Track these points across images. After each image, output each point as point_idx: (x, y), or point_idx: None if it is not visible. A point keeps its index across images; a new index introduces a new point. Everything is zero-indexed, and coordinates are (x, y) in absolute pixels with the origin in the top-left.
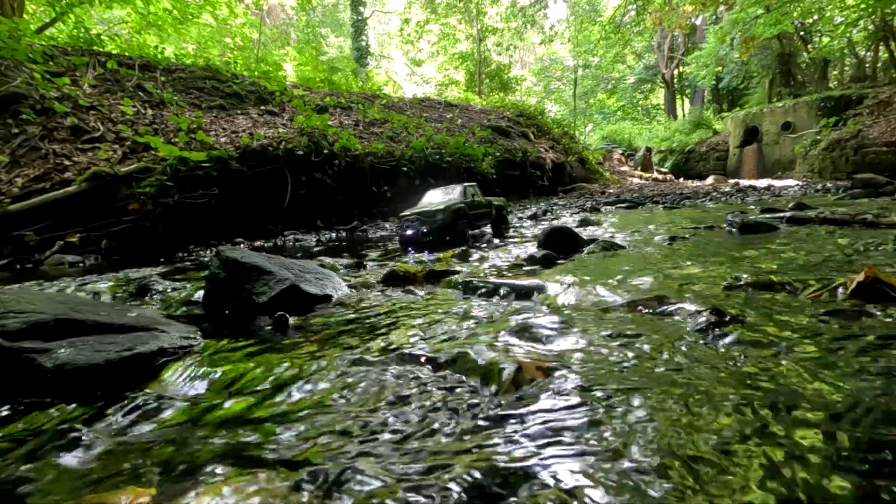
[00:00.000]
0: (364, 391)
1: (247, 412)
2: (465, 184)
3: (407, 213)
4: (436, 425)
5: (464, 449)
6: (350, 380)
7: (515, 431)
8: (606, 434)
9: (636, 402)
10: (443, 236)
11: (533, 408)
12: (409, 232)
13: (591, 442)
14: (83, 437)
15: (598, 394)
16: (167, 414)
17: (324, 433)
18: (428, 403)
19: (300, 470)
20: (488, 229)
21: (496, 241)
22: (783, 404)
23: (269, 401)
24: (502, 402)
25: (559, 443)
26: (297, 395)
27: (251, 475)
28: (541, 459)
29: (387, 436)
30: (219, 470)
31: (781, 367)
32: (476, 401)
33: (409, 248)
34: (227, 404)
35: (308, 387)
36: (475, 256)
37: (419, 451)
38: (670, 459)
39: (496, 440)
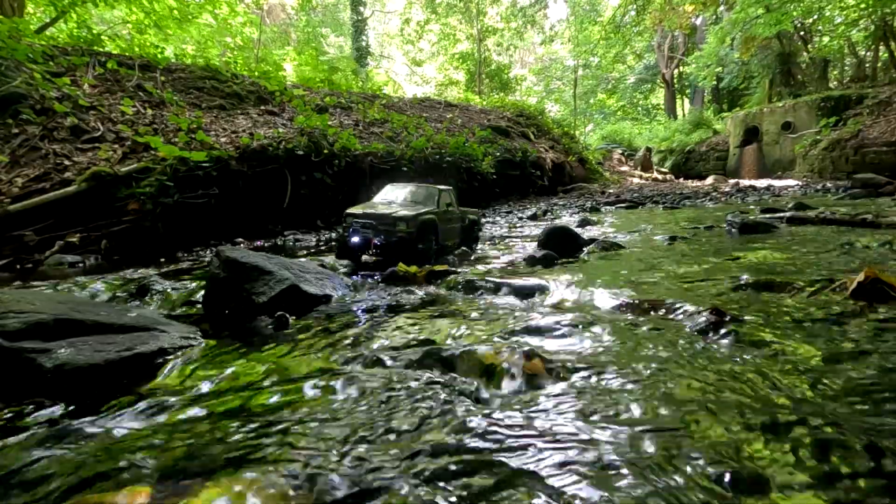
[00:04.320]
0: (364, 391)
1: (246, 412)
2: (441, 187)
3: (356, 210)
4: (438, 425)
5: (465, 449)
6: (350, 380)
7: (517, 429)
8: (606, 433)
9: (636, 402)
10: (399, 254)
11: (535, 407)
12: (356, 239)
13: (591, 442)
14: (82, 437)
15: (600, 393)
16: (166, 413)
17: (324, 433)
18: (429, 403)
19: (299, 469)
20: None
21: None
22: (782, 404)
23: (269, 400)
24: (504, 400)
25: (559, 441)
26: (296, 395)
27: (250, 474)
28: (538, 455)
29: (387, 437)
30: (217, 469)
31: (781, 366)
32: (478, 399)
33: (348, 262)
34: (226, 404)
35: (308, 386)
36: (473, 257)
37: (419, 451)
38: (665, 462)
39: (499, 440)
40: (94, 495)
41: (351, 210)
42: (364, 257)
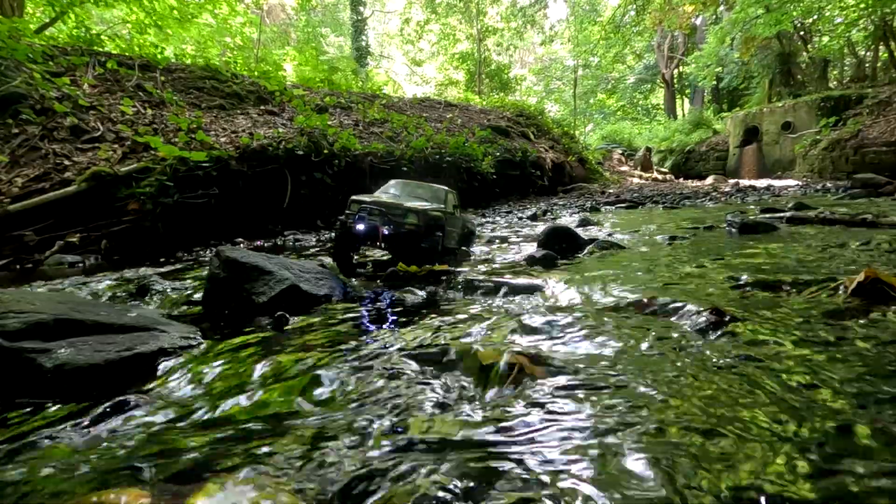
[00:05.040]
0: (364, 391)
1: (246, 412)
2: (447, 189)
3: (363, 197)
4: (437, 423)
5: (462, 446)
6: (350, 380)
7: (511, 429)
8: (601, 434)
9: (636, 401)
10: (405, 248)
11: (533, 406)
12: (361, 226)
13: (585, 444)
14: (82, 437)
15: (599, 393)
16: (166, 414)
17: (325, 432)
18: (428, 402)
19: (300, 469)
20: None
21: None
22: (783, 404)
23: (269, 400)
24: (502, 401)
25: (553, 440)
26: (296, 395)
27: (250, 475)
28: (531, 453)
29: (387, 436)
30: (217, 469)
31: (781, 367)
32: (477, 398)
33: (348, 256)
34: (226, 404)
35: (308, 386)
36: (473, 258)
37: (419, 450)
38: (659, 461)
39: (494, 439)
40: (93, 495)
41: (357, 197)
42: (361, 257)
